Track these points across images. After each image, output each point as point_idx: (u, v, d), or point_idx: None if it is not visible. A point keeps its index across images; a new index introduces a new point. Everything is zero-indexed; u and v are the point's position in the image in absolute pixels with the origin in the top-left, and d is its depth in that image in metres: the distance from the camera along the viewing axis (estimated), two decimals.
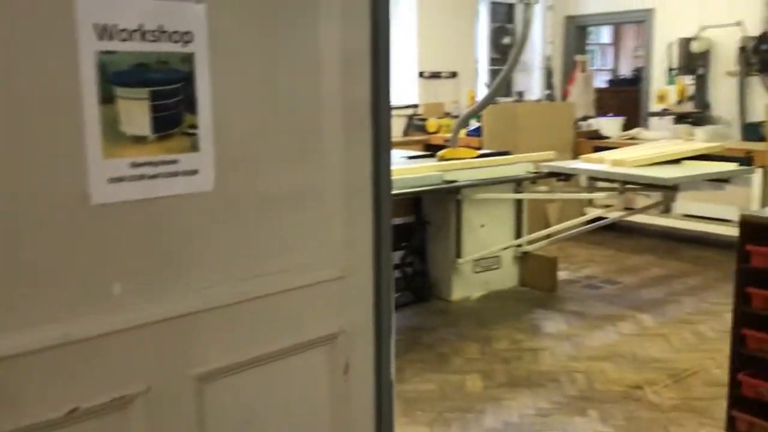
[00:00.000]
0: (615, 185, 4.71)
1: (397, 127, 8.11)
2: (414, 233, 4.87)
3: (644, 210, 5.09)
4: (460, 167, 4.81)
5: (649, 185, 4.51)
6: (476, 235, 4.96)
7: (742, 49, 8.03)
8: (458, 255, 4.89)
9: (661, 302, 4.96)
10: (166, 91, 1.22)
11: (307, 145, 1.45)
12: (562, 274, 5.40)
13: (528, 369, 3.82)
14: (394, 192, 1.66)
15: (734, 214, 6.33)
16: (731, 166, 4.82)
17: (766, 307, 2.67)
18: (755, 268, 2.68)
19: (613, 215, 4.84)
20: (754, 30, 7.88)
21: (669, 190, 4.53)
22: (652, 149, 5.18)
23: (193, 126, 1.26)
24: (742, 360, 2.75)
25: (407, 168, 4.58)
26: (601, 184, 5.02)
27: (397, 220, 4.68)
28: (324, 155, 1.47)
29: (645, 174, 4.45)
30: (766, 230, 2.66)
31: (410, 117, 8.15)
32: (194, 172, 1.28)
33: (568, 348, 4.12)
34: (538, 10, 9.07)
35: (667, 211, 6.40)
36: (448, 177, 4.63)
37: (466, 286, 4.99)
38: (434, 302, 4.92)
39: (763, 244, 2.67)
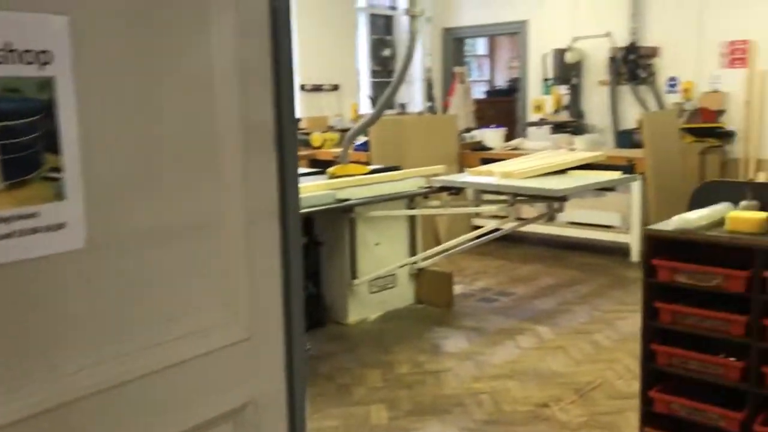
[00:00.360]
0: (506, 197, 4.69)
1: None
2: (307, 255, 4.64)
3: (535, 220, 5.11)
4: (353, 184, 4.64)
5: (541, 197, 4.51)
6: (371, 254, 4.79)
7: (612, 60, 8.37)
8: (354, 276, 4.70)
9: (556, 312, 4.99)
10: (18, 127, 0.95)
11: (201, 175, 1.21)
12: (456, 288, 5.33)
13: (433, 394, 3.68)
14: None
15: (616, 220, 6.55)
16: (616, 175, 4.92)
17: (674, 321, 2.66)
18: (661, 282, 2.66)
19: (507, 226, 4.82)
20: (622, 41, 8.23)
21: (558, 200, 4.55)
22: (539, 160, 5.22)
23: (57, 168, 1.00)
24: (652, 376, 2.72)
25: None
26: (490, 196, 5.01)
27: None
28: (221, 186, 1.25)
29: (536, 186, 4.45)
30: (670, 244, 2.65)
31: None
32: (60, 227, 1.01)
33: (470, 367, 4.02)
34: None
35: (551, 219, 6.53)
36: (341, 195, 4.44)
37: (362, 308, 4.81)
38: (330, 327, 4.70)
39: (668, 257, 2.65)
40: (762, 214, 2.54)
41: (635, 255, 6.33)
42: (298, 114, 8.35)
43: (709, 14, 7.68)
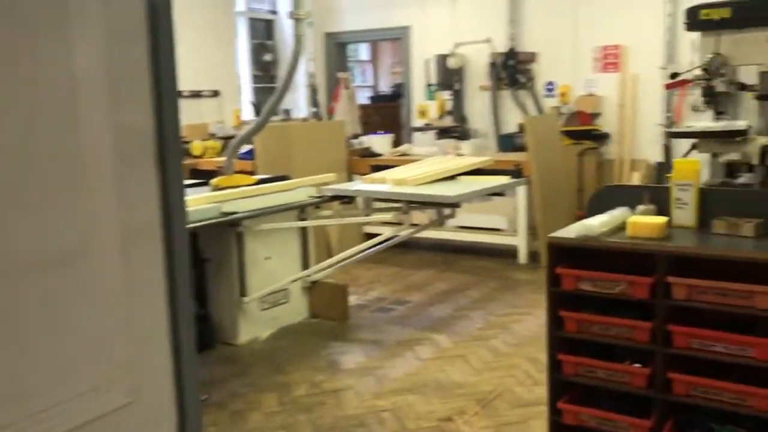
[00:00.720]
0: (399, 205, 4.59)
1: None
2: (191, 273, 4.33)
3: (428, 227, 5.03)
4: (239, 196, 4.38)
5: (436, 203, 4.44)
6: (261, 268, 4.55)
7: (493, 65, 8.49)
8: (243, 293, 4.44)
9: (452, 319, 4.93)
10: None
11: (61, 195, 0.99)
12: (351, 299, 5.17)
13: (333, 415, 3.50)
14: None
15: (503, 223, 6.62)
16: (505, 179, 4.93)
17: (579, 330, 2.61)
18: (566, 291, 2.60)
19: (402, 234, 4.71)
20: (502, 47, 8.37)
21: (453, 206, 4.50)
22: (429, 166, 5.16)
23: None
24: (560, 386, 2.67)
25: None
26: (382, 203, 4.89)
27: None
28: (88, 206, 1.03)
29: (431, 193, 4.38)
30: (573, 252, 2.60)
31: None
32: None
33: (371, 383, 3.87)
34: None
35: (441, 224, 6.52)
36: (226, 208, 4.18)
37: (253, 326, 4.55)
38: (220, 349, 4.42)
39: (572, 265, 2.60)
40: (661, 219, 2.54)
41: (523, 257, 6.42)
42: None
43: (583, 21, 7.95)
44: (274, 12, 9.67)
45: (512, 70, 8.41)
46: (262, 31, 9.62)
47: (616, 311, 2.54)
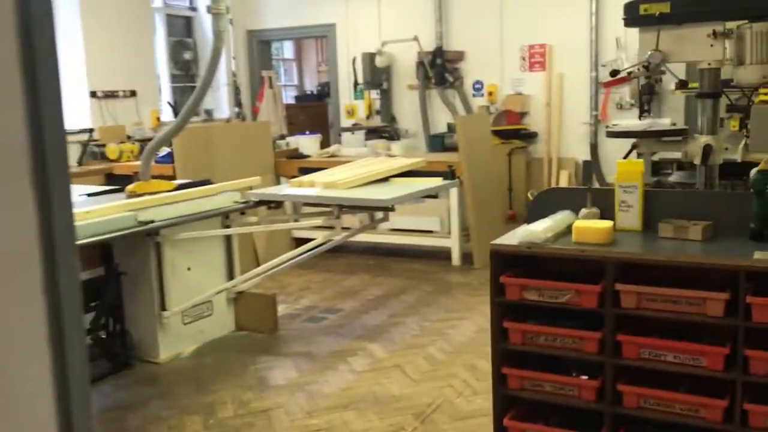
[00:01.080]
0: (330, 209, 4.38)
1: (70, 156, 6.96)
2: (105, 288, 4.01)
3: (362, 230, 4.84)
4: (156, 203, 4.08)
5: (370, 207, 4.26)
6: (183, 280, 4.26)
7: (420, 64, 8.37)
8: (163, 307, 4.14)
9: (387, 327, 4.75)
10: None
11: None
12: (280, 309, 4.93)
13: None
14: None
15: (436, 225, 6.49)
16: (438, 181, 4.79)
17: (524, 342, 2.47)
18: (510, 301, 2.46)
19: (336, 238, 4.50)
20: (429, 45, 8.27)
21: (387, 210, 4.33)
22: (361, 168, 4.97)
23: None
24: (505, 401, 2.52)
25: (90, 210, 3.72)
26: (312, 208, 4.68)
27: (83, 275, 3.82)
28: None
29: (364, 197, 4.19)
30: (517, 259, 2.46)
31: (85, 143, 7.06)
32: None
33: (303, 401, 3.65)
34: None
35: (374, 228, 6.34)
36: (143, 216, 3.87)
37: (175, 342, 4.26)
38: (139, 368, 4.11)
39: (515, 273, 2.46)
40: (607, 223, 2.42)
41: (456, 259, 6.31)
42: (89, 124, 7.49)
43: (509, 20, 7.92)
44: (193, 8, 9.29)
45: (440, 68, 8.31)
46: (181, 28, 9.22)
47: (562, 321, 2.41)
